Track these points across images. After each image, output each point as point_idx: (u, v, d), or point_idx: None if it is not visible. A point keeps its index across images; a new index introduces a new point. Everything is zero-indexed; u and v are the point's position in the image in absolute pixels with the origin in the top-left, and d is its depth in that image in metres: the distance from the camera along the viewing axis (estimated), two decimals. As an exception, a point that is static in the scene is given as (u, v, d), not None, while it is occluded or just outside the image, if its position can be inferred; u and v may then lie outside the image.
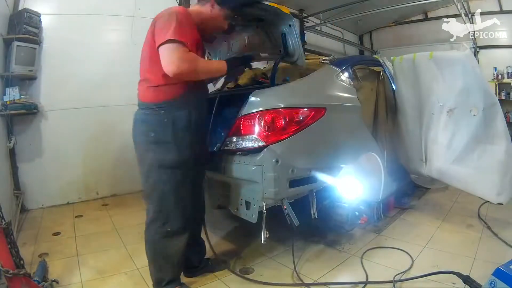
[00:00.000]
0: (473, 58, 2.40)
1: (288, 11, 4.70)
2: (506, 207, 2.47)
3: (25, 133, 3.48)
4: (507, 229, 2.50)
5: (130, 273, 2.10)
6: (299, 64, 2.27)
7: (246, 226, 2.19)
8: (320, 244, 2.45)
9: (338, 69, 2.48)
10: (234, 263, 2.22)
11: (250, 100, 2.01)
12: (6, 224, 1.60)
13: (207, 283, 1.98)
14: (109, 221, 3.13)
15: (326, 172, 2.12)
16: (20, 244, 2.33)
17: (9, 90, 3.13)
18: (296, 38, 2.23)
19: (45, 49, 3.54)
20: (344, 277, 2.04)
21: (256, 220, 1.96)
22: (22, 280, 1.53)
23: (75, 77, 3.75)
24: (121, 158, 4.08)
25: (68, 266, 2.19)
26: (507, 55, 6.38)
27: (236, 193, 2.09)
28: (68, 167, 3.75)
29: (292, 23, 2.20)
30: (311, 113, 2.07)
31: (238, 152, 2.03)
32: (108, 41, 4.07)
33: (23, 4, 3.36)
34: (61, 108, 3.67)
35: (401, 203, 3.17)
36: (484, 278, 1.54)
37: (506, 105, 6.11)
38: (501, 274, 1.38)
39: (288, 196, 2.00)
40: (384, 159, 2.63)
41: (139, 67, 1.90)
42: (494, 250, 2.22)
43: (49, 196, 3.60)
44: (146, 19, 4.26)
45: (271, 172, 1.89)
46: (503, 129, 2.28)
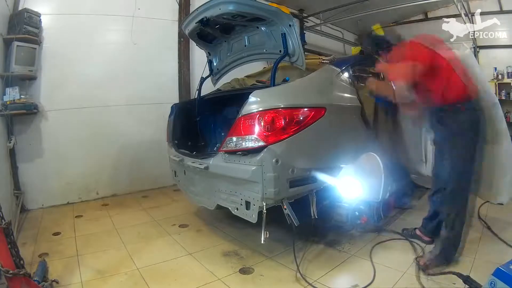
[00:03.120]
0: (473, 58, 2.40)
1: (288, 11, 4.72)
2: (506, 207, 2.47)
3: (25, 133, 3.49)
4: (507, 229, 2.51)
5: (130, 273, 2.10)
6: (299, 64, 2.27)
7: (246, 226, 2.19)
8: (320, 244, 2.45)
9: (338, 69, 2.48)
10: (234, 263, 2.22)
11: (250, 100, 2.01)
12: (6, 224, 1.60)
13: (208, 282, 1.98)
14: (109, 221, 3.13)
15: (326, 172, 2.12)
16: (20, 244, 2.33)
17: (9, 90, 3.13)
18: (296, 38, 2.23)
19: (45, 49, 3.54)
20: (344, 277, 2.04)
21: (256, 220, 1.96)
22: (22, 280, 1.53)
23: (75, 77, 3.76)
24: (121, 158, 4.10)
25: (68, 266, 2.19)
26: (507, 55, 6.36)
27: (236, 193, 2.09)
28: (68, 167, 3.75)
29: (292, 23, 2.21)
30: (311, 113, 2.07)
31: (238, 152, 2.03)
32: (108, 41, 4.07)
33: (23, 4, 3.37)
34: (61, 108, 3.67)
35: (401, 203, 3.17)
36: (484, 278, 1.54)
37: (506, 105, 6.10)
38: (501, 274, 1.38)
39: (288, 196, 2.01)
40: (384, 159, 2.62)
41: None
42: (494, 250, 2.22)
43: (49, 196, 3.60)
44: (146, 19, 4.29)
45: (271, 172, 1.90)
46: (503, 129, 2.27)
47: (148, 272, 2.11)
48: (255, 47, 2.69)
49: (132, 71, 4.17)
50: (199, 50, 3.24)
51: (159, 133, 3.82)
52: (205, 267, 2.17)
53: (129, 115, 4.18)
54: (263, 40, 2.56)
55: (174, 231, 2.83)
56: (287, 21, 2.22)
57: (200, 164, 2.32)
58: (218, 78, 3.26)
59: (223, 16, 2.36)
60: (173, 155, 2.80)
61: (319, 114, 2.10)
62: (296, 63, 2.30)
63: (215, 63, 3.16)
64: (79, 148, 3.82)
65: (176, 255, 2.36)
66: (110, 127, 4.03)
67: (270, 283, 1.98)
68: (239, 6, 2.21)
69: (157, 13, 4.42)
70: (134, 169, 4.19)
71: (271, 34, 2.43)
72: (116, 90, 4.06)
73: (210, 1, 2.30)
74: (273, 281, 1.99)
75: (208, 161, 2.27)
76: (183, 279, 2.02)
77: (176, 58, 4.62)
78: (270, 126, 1.94)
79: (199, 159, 2.39)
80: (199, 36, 2.86)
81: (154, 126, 4.18)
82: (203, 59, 3.32)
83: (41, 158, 3.58)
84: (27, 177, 3.48)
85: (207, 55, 3.18)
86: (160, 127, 3.69)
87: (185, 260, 2.29)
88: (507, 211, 2.71)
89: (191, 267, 2.19)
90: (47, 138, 3.61)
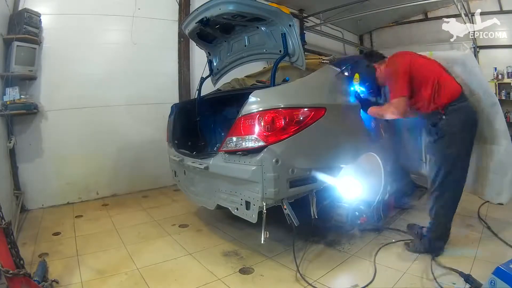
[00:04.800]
0: (473, 58, 2.40)
1: (288, 11, 4.72)
2: (506, 207, 2.47)
3: (25, 133, 3.49)
4: (507, 229, 2.51)
5: (130, 273, 2.10)
6: (299, 64, 2.27)
7: (246, 226, 2.19)
8: (320, 244, 2.45)
9: (338, 69, 2.48)
10: (234, 263, 2.22)
11: (250, 100, 2.01)
12: (6, 224, 1.60)
13: (208, 282, 1.98)
14: (109, 221, 3.13)
15: (326, 172, 2.12)
16: (20, 244, 2.33)
17: (9, 90, 3.13)
18: (296, 38, 2.23)
19: (45, 49, 3.54)
20: (344, 277, 2.04)
21: (256, 220, 1.96)
22: (22, 280, 1.53)
23: (75, 77, 3.76)
24: (121, 158, 4.10)
25: (68, 266, 2.19)
26: (507, 55, 6.36)
27: (236, 193, 2.09)
28: (68, 167, 3.75)
29: (292, 23, 2.20)
30: (311, 113, 2.07)
31: (238, 152, 2.03)
32: (108, 41, 4.07)
33: (23, 4, 3.37)
34: (61, 108, 3.67)
35: (401, 203, 3.17)
36: (484, 278, 1.54)
37: (506, 105, 6.09)
38: (501, 273, 1.38)
39: (288, 196, 2.00)
40: (384, 159, 2.63)
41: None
42: (494, 250, 2.22)
43: (49, 196, 3.60)
44: (146, 19, 4.29)
45: (271, 172, 1.90)
46: (503, 129, 2.27)
47: (148, 272, 2.11)
48: (255, 47, 2.69)
49: (132, 71, 4.17)
50: (199, 50, 3.24)
51: (159, 133, 3.83)
52: (205, 267, 2.17)
53: (129, 115, 4.18)
54: (263, 40, 2.56)
55: (174, 231, 2.83)
56: (287, 21, 2.22)
57: (200, 164, 2.32)
58: (218, 78, 3.26)
59: (223, 16, 2.36)
60: (173, 155, 2.80)
61: (319, 114, 2.10)
62: (296, 63, 2.29)
63: (215, 63, 3.16)
64: (79, 148, 3.82)
65: (176, 255, 2.36)
66: (110, 127, 4.03)
67: (270, 283, 1.98)
68: (239, 6, 2.21)
69: (157, 13, 4.43)
70: (134, 169, 4.19)
71: (271, 34, 2.43)
72: (116, 90, 4.07)
73: (210, 1, 2.30)
74: (273, 281, 1.99)
75: (208, 161, 2.27)
76: (183, 279, 2.02)
77: (176, 58, 4.62)
78: (270, 126, 1.94)
79: (199, 159, 2.39)
80: (199, 36, 2.86)
81: (154, 126, 4.18)
82: (203, 59, 3.32)
83: (41, 158, 3.59)
84: (27, 177, 3.48)
85: (207, 55, 3.18)
86: (160, 127, 3.69)
87: (185, 260, 2.29)
88: (507, 211, 2.71)
89: (191, 267, 2.19)
90: (47, 138, 3.61)
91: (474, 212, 2.84)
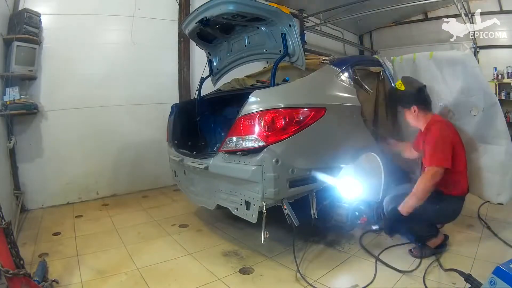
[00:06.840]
0: (473, 58, 2.39)
1: (288, 11, 4.72)
2: (506, 207, 2.47)
3: (25, 133, 3.49)
4: (507, 229, 2.51)
5: (130, 273, 2.10)
6: (299, 64, 2.27)
7: (246, 226, 2.19)
8: (320, 244, 2.45)
9: (338, 69, 2.48)
10: (234, 263, 2.22)
11: (250, 100, 2.01)
12: (6, 224, 1.60)
13: (208, 282, 1.98)
14: (109, 221, 3.13)
15: (326, 172, 2.12)
16: (20, 244, 2.33)
17: (9, 90, 3.13)
18: (296, 38, 2.23)
19: (45, 49, 3.54)
20: (344, 277, 2.04)
21: (256, 220, 1.96)
22: (22, 280, 1.53)
23: (75, 77, 3.76)
24: (121, 158, 4.10)
25: (68, 266, 2.19)
26: (507, 55, 6.37)
27: (236, 193, 2.09)
28: (68, 167, 3.75)
29: (292, 23, 2.20)
30: (311, 113, 2.07)
31: (238, 152, 2.03)
32: (108, 41, 4.07)
33: (23, 4, 3.37)
34: (61, 108, 3.67)
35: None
36: (484, 278, 1.53)
37: (506, 105, 6.10)
38: (501, 273, 1.38)
39: (288, 196, 2.00)
40: (384, 159, 2.62)
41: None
42: (494, 250, 2.23)
43: (49, 196, 3.60)
44: (146, 19, 4.29)
45: (271, 172, 1.90)
46: (503, 129, 2.28)
47: (148, 272, 2.11)
48: (255, 47, 2.69)
49: (132, 71, 4.17)
50: (199, 50, 3.24)
51: (159, 133, 3.83)
52: (205, 267, 2.17)
53: (129, 115, 4.18)
54: (263, 40, 2.56)
55: (174, 231, 2.83)
56: (287, 21, 2.22)
57: (200, 164, 2.32)
58: (218, 78, 3.26)
59: (223, 16, 2.36)
60: (173, 155, 2.80)
61: (319, 114, 2.10)
62: (296, 63, 2.30)
63: (215, 63, 3.16)
64: (79, 148, 3.83)
65: (176, 255, 2.36)
66: (110, 127, 4.03)
67: (270, 283, 1.98)
68: (239, 6, 2.21)
69: (157, 13, 4.43)
70: (134, 169, 4.19)
71: (271, 34, 2.43)
72: (116, 90, 4.07)
73: (210, 1, 2.30)
74: (273, 281, 1.99)
75: (208, 161, 2.27)
76: (183, 279, 2.02)
77: (176, 58, 4.62)
78: (270, 126, 1.94)
79: (199, 159, 2.39)
80: (199, 36, 2.86)
81: (154, 126, 4.18)
82: (203, 59, 3.32)
83: (41, 158, 3.58)
84: (27, 177, 3.48)
85: (207, 55, 3.18)
86: (160, 127, 3.69)
87: (185, 260, 2.29)
88: (507, 211, 2.71)
89: (191, 267, 2.19)
90: (47, 138, 3.61)
91: (474, 212, 2.84)
